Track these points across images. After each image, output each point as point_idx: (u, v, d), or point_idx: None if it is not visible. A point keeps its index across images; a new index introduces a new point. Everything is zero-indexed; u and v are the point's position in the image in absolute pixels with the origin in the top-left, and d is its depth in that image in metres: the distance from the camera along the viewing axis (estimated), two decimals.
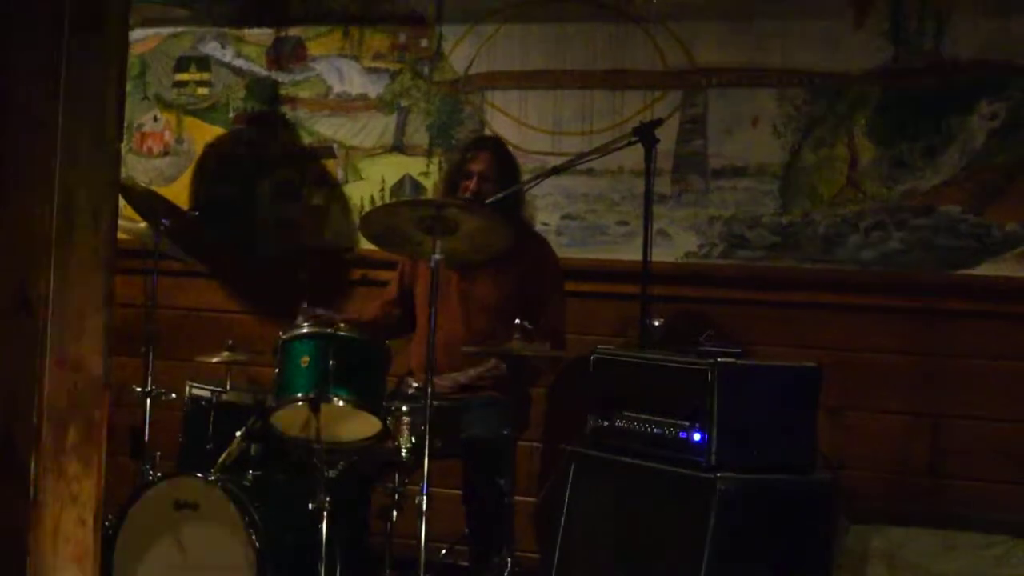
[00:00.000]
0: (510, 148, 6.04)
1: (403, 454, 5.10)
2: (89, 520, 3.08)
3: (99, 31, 3.09)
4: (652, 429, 4.89)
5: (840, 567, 5.15)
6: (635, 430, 4.95)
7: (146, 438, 5.56)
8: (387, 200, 6.47)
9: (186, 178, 6.86)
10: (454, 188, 5.82)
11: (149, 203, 5.79)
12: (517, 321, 5.22)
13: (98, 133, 3.09)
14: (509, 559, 5.22)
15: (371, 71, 6.57)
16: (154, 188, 6.38)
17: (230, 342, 5.68)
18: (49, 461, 2.99)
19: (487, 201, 5.51)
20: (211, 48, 6.86)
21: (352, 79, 6.61)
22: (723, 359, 4.79)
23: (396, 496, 5.14)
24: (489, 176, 5.76)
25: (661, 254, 5.80)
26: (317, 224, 6.62)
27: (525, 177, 5.95)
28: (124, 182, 5.68)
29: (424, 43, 6.49)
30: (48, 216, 3.00)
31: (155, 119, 6.94)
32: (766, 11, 6.00)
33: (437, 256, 4.95)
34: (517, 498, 5.44)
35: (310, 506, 4.99)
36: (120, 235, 3.25)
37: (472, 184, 5.75)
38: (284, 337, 5.12)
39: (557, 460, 5.17)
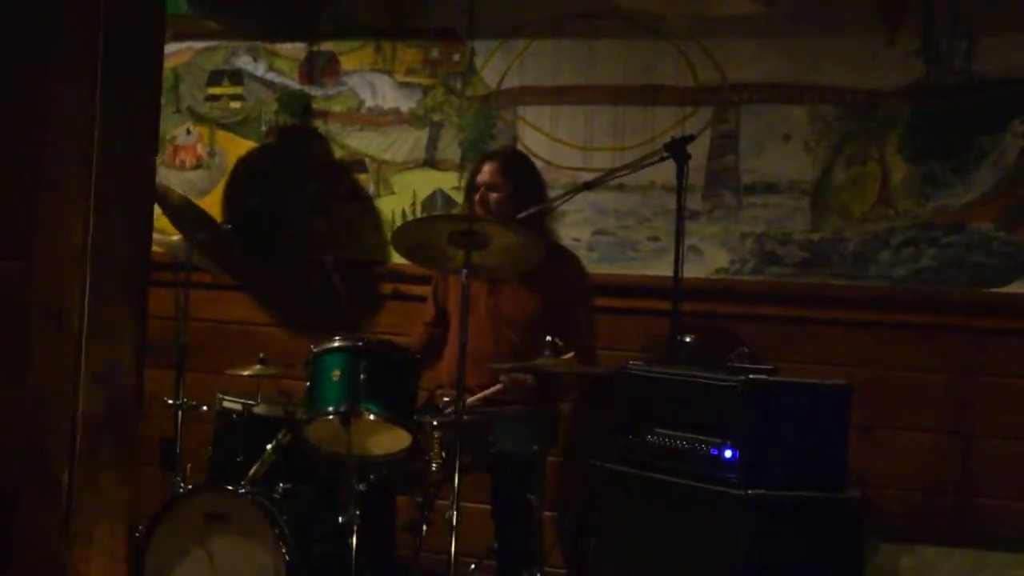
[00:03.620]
0: (539, 162, 6.06)
1: (433, 468, 5.10)
2: (121, 531, 3.10)
3: (135, 46, 3.11)
4: (683, 445, 4.88)
5: None
6: (665, 446, 4.94)
7: (177, 450, 5.57)
8: (418, 215, 6.49)
9: (218, 191, 6.89)
10: (470, 203, 5.84)
11: (184, 213, 5.81)
12: (548, 338, 5.22)
13: (133, 147, 3.11)
14: (538, 574, 5.22)
15: (403, 86, 6.59)
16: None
17: (261, 355, 5.70)
18: (83, 472, 3.01)
19: (518, 216, 5.50)
20: (244, 62, 6.89)
21: (384, 93, 6.62)
22: (754, 376, 4.78)
23: (425, 510, 5.15)
24: (495, 186, 5.76)
25: (692, 270, 5.79)
26: (348, 238, 6.64)
27: (555, 191, 5.96)
28: (160, 190, 5.70)
29: (456, 58, 6.50)
30: (83, 229, 3.01)
31: (188, 132, 6.97)
32: (797, 28, 6.00)
33: (467, 271, 4.95)
34: (546, 513, 5.44)
35: (340, 519, 5.01)
36: (152, 247, 3.26)
37: (478, 197, 5.77)
38: (315, 350, 5.13)
39: (585, 476, 5.16)
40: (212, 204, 6.78)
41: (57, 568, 2.98)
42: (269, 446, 5.30)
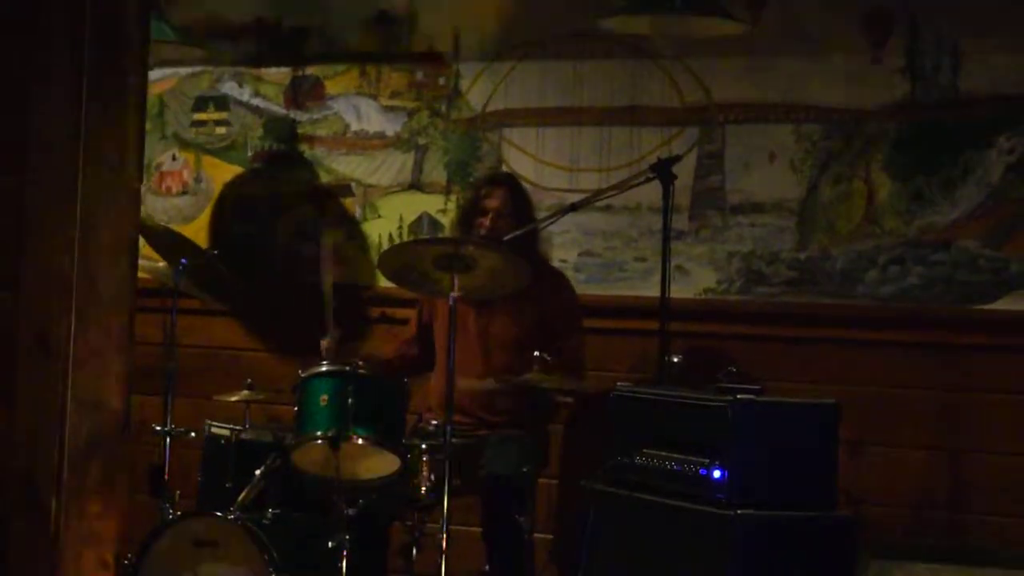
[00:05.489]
0: (525, 184, 6.06)
1: (423, 492, 5.10)
2: (110, 559, 3.09)
3: (119, 73, 3.11)
4: (672, 466, 4.88)
5: None
6: (655, 467, 4.93)
7: (166, 476, 5.56)
8: (405, 238, 6.48)
9: (205, 217, 6.88)
10: (469, 225, 5.82)
11: (168, 242, 5.81)
12: (536, 353, 5.21)
13: (118, 174, 3.11)
14: None
15: (389, 109, 6.59)
16: (173, 227, 6.40)
17: (249, 380, 5.69)
18: (70, 500, 3.00)
19: (504, 238, 5.50)
20: (229, 87, 6.89)
21: (370, 117, 6.63)
22: (742, 396, 4.78)
23: (416, 534, 5.14)
24: (504, 212, 5.76)
25: (679, 290, 5.78)
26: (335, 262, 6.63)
27: (541, 213, 5.96)
28: (143, 220, 5.70)
29: (441, 81, 6.51)
30: (69, 257, 3.01)
31: (174, 158, 6.96)
32: (782, 47, 6.01)
33: (455, 294, 4.95)
34: (537, 535, 5.43)
35: (330, 544, 4.99)
36: (139, 274, 3.26)
37: (487, 221, 5.75)
38: (303, 375, 5.13)
39: (576, 497, 5.15)
40: (198, 230, 6.78)
41: None
42: (258, 471, 5.28)
